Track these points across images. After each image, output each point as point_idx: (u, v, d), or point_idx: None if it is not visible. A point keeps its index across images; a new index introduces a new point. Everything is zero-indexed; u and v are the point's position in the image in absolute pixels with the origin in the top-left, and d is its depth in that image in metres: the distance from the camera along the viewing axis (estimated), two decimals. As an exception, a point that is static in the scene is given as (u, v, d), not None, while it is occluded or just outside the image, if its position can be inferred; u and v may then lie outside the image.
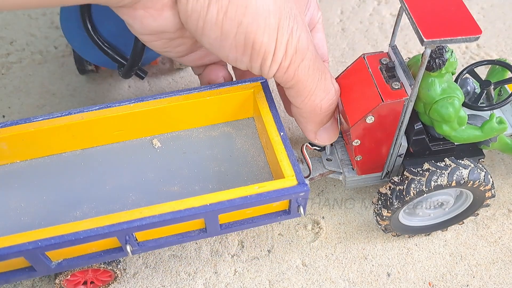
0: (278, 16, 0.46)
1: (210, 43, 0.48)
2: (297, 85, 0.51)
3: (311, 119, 0.55)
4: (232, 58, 0.49)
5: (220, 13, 0.45)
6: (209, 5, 0.44)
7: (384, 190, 0.56)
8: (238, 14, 0.45)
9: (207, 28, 0.46)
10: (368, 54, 0.54)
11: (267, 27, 0.46)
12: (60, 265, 0.50)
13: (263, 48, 0.47)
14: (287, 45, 0.48)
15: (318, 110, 0.53)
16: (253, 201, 0.48)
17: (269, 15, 0.46)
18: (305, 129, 0.56)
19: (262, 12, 0.45)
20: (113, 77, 0.82)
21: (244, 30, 0.46)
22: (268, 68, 0.49)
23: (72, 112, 0.54)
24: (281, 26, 0.47)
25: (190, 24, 0.47)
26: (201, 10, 0.45)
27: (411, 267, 0.61)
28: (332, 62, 0.84)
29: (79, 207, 0.53)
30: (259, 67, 0.49)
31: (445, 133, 0.53)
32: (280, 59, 0.48)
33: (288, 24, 0.47)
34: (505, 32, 0.88)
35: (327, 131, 0.57)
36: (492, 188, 0.56)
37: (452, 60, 0.50)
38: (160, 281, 0.60)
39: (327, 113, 0.54)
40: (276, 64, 0.49)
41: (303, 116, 0.55)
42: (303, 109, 0.54)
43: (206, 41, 0.48)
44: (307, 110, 0.53)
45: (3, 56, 0.85)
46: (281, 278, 0.60)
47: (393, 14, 0.92)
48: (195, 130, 0.59)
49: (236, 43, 0.47)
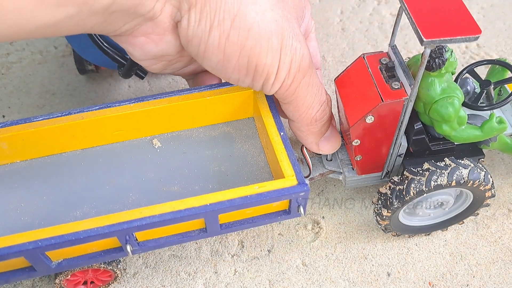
0: (281, 36, 0.46)
1: (212, 66, 0.47)
2: (296, 101, 0.51)
3: (309, 131, 0.55)
4: (235, 79, 0.49)
5: (222, 37, 0.44)
6: (210, 30, 0.44)
7: (384, 190, 0.56)
8: (241, 38, 0.44)
9: (209, 52, 0.45)
10: (368, 54, 0.54)
11: (270, 48, 0.46)
12: (60, 265, 0.50)
13: (266, 70, 0.47)
14: (290, 65, 0.48)
15: (314, 121, 0.54)
16: (253, 201, 0.48)
17: (271, 37, 0.45)
18: (306, 141, 0.57)
19: (264, 34, 0.45)
20: (113, 77, 0.82)
21: (247, 53, 0.45)
22: (270, 87, 0.49)
23: (72, 112, 0.54)
24: (284, 46, 0.46)
25: (191, 48, 0.46)
26: (202, 35, 0.44)
27: (411, 267, 0.61)
28: (332, 62, 0.84)
29: (79, 207, 0.53)
30: (261, 86, 0.49)
31: (445, 133, 0.53)
32: (283, 78, 0.48)
33: (291, 43, 0.47)
34: (505, 32, 0.88)
35: (328, 140, 0.57)
36: (492, 187, 0.56)
37: (452, 60, 0.50)
38: (160, 281, 0.60)
39: (322, 123, 0.55)
40: (278, 83, 0.49)
41: (300, 129, 0.55)
42: (300, 123, 0.54)
43: (208, 64, 0.47)
44: (304, 123, 0.54)
45: (3, 56, 0.85)
46: (281, 278, 0.60)
47: (393, 14, 0.92)
48: (195, 130, 0.59)
49: (239, 65, 0.46)
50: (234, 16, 0.44)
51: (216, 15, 0.43)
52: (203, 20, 0.44)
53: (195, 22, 0.44)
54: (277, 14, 0.46)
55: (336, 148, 0.58)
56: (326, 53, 0.86)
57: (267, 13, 0.45)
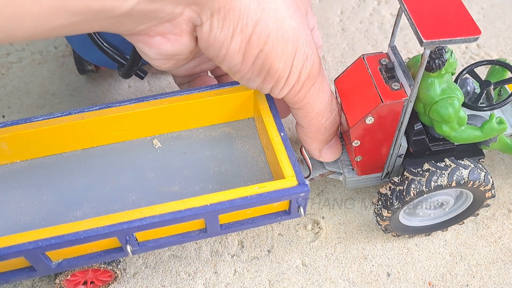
0: (296, 44, 0.47)
1: (230, 67, 0.48)
2: (306, 107, 0.52)
3: (316, 138, 0.56)
4: (246, 78, 0.49)
5: (244, 42, 0.45)
6: (233, 36, 0.45)
7: (384, 191, 0.56)
8: (261, 43, 0.45)
9: (230, 56, 0.46)
10: (368, 54, 0.54)
11: (284, 55, 0.47)
12: (60, 265, 0.50)
13: (278, 74, 0.48)
14: (301, 71, 0.48)
15: (323, 129, 0.54)
16: (253, 202, 0.48)
17: (287, 44, 0.46)
18: (310, 147, 0.57)
19: (281, 41, 0.46)
20: (113, 77, 0.82)
21: (264, 56, 0.46)
22: (279, 91, 0.50)
23: (73, 112, 0.54)
24: (298, 53, 0.47)
25: (211, 51, 0.47)
26: (224, 40, 0.45)
27: (411, 267, 0.61)
28: (332, 62, 0.84)
29: (80, 207, 0.53)
30: (269, 88, 0.50)
31: (445, 134, 0.53)
32: (293, 84, 0.49)
33: (304, 50, 0.48)
34: (505, 32, 0.88)
35: (331, 148, 0.57)
36: (492, 188, 0.56)
37: (451, 61, 0.50)
38: (160, 281, 0.60)
39: (331, 131, 0.55)
40: (288, 88, 0.49)
41: (308, 135, 0.55)
42: (308, 129, 0.54)
43: (226, 65, 0.48)
44: (313, 130, 0.54)
45: (3, 56, 0.85)
46: (281, 278, 0.60)
47: (393, 14, 0.92)
48: (195, 130, 0.59)
49: (253, 66, 0.47)
50: (257, 21, 0.44)
51: (239, 22, 0.44)
52: (226, 26, 0.44)
53: (217, 28, 0.44)
54: (295, 22, 0.47)
55: (337, 157, 0.59)
56: (326, 53, 0.86)
57: (286, 21, 0.46)
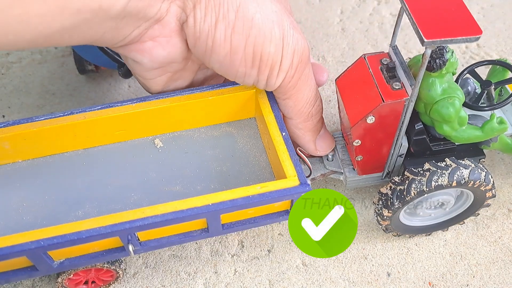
0: (282, 26, 0.48)
1: (220, 61, 0.48)
2: (296, 95, 0.53)
3: (307, 128, 0.56)
4: (241, 74, 0.50)
5: (228, 29, 0.46)
6: (216, 23, 0.46)
7: (385, 190, 0.57)
8: (246, 28, 0.46)
9: (217, 46, 0.47)
10: (369, 54, 0.55)
11: (273, 37, 0.47)
12: (62, 264, 0.50)
13: (271, 58, 0.48)
14: (293, 54, 0.49)
15: (311, 116, 0.55)
16: (255, 201, 0.48)
17: (273, 26, 0.47)
18: (304, 140, 0.58)
19: (267, 23, 0.47)
20: (113, 77, 0.82)
21: (252, 42, 0.47)
22: (275, 78, 0.50)
23: (74, 112, 0.54)
24: (285, 36, 0.48)
25: (199, 47, 0.48)
26: (209, 30, 0.46)
27: (411, 266, 0.61)
28: (332, 62, 0.84)
29: (81, 206, 0.53)
30: (265, 79, 0.50)
31: (446, 133, 0.53)
32: (287, 68, 0.50)
33: (292, 33, 0.49)
34: (505, 32, 0.88)
35: (324, 139, 0.58)
36: (492, 188, 0.56)
37: (452, 61, 0.50)
38: (160, 281, 0.60)
39: (318, 118, 0.56)
40: (283, 73, 0.50)
41: (298, 126, 0.56)
42: (298, 119, 0.55)
43: (216, 59, 0.48)
44: (302, 119, 0.55)
45: (3, 56, 0.85)
46: (281, 278, 0.60)
47: (393, 14, 0.92)
48: (197, 130, 0.59)
49: (245, 56, 0.48)
50: (238, 7, 0.46)
51: (220, 9, 0.45)
52: (209, 15, 0.45)
53: (201, 19, 0.46)
54: (276, 7, 0.48)
55: (332, 147, 0.59)
56: (326, 53, 0.86)
57: (267, 4, 0.47)
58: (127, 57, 0.50)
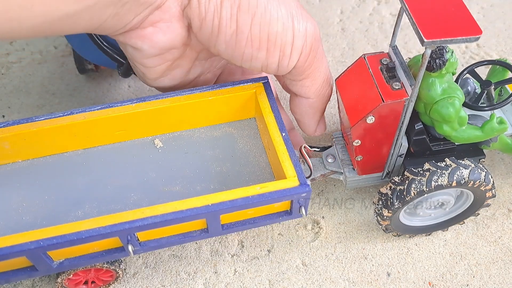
0: (289, 6, 0.48)
1: (226, 41, 0.48)
2: (314, 73, 0.52)
3: (320, 108, 0.56)
4: (248, 56, 0.49)
5: (234, 7, 0.46)
6: (221, 2, 0.46)
7: (385, 190, 0.57)
8: (251, 6, 0.46)
9: (223, 25, 0.47)
10: (369, 54, 0.54)
11: (280, 16, 0.47)
12: (62, 264, 0.50)
13: (279, 38, 0.48)
14: (305, 33, 0.48)
15: (327, 97, 0.55)
16: (255, 202, 0.48)
17: (279, 5, 0.47)
18: (313, 120, 0.57)
19: (272, 2, 0.47)
20: (113, 77, 0.82)
21: (259, 21, 0.47)
22: (288, 59, 0.49)
23: (74, 112, 0.54)
24: (295, 16, 0.48)
25: (205, 28, 0.47)
26: (215, 9, 0.46)
27: (411, 266, 0.61)
28: (332, 62, 0.84)
29: (81, 207, 0.53)
30: (277, 61, 0.50)
31: (446, 133, 0.53)
32: (301, 47, 0.49)
33: (301, 12, 0.48)
34: (505, 32, 0.88)
35: (322, 120, 0.59)
36: (492, 188, 0.56)
37: (452, 61, 0.50)
38: (160, 281, 0.60)
39: (328, 100, 0.56)
40: (296, 53, 0.49)
41: (313, 106, 0.55)
42: (315, 98, 0.54)
43: (222, 40, 0.48)
44: (319, 99, 0.55)
45: (3, 56, 0.85)
46: (281, 278, 0.60)
47: (393, 14, 0.92)
48: (197, 130, 0.59)
49: (252, 36, 0.47)
50: None
51: None
52: None
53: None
54: None
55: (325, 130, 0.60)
56: (326, 53, 0.86)
57: None
58: (127, 45, 0.50)
